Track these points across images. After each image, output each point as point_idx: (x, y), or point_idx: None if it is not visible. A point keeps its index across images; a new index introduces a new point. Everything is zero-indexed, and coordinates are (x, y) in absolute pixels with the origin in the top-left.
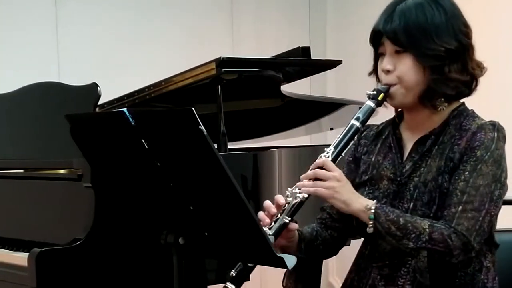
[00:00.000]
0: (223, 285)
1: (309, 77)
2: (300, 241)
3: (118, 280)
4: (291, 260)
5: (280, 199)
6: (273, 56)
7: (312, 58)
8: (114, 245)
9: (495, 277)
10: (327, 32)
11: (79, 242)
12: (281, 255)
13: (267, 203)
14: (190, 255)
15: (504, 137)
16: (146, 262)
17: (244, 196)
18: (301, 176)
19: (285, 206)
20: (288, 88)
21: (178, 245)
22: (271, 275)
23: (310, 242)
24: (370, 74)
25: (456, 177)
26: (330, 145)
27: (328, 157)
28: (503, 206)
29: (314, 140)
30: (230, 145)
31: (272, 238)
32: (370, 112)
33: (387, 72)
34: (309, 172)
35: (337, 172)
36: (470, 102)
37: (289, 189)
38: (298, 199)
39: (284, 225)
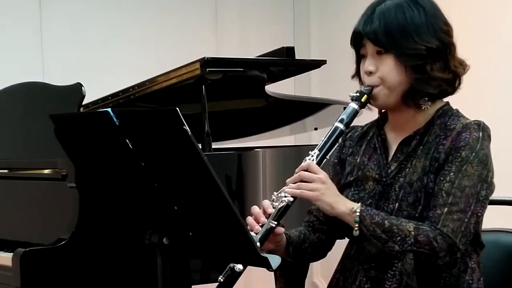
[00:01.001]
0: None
1: (293, 77)
2: (288, 244)
3: (102, 280)
4: (275, 260)
5: (268, 206)
6: (257, 56)
7: (296, 58)
8: (99, 245)
9: (480, 278)
10: (311, 32)
11: (63, 242)
12: (265, 255)
13: (256, 209)
14: (175, 255)
15: (489, 136)
16: (131, 262)
17: (228, 196)
18: (287, 180)
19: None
20: (272, 88)
21: (163, 245)
22: (255, 278)
23: (298, 245)
24: (353, 77)
25: (442, 178)
26: (314, 145)
27: (313, 160)
28: (488, 206)
29: (299, 140)
30: (215, 145)
31: (258, 244)
32: (354, 114)
33: (369, 73)
34: (295, 175)
35: (322, 175)
36: (454, 101)
37: (275, 193)
38: (284, 203)
39: (271, 229)
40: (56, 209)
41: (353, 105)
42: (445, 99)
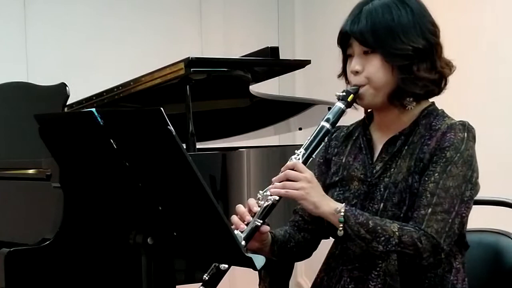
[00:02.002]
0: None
1: (277, 77)
2: (273, 243)
3: (87, 280)
4: (259, 260)
5: (254, 205)
6: (241, 56)
7: (280, 58)
8: (83, 245)
9: (464, 278)
10: (295, 32)
11: (48, 242)
12: (249, 255)
13: (241, 208)
14: (159, 255)
15: (474, 137)
16: (115, 262)
17: (212, 196)
18: (273, 179)
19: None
20: (256, 88)
21: (147, 245)
22: (240, 277)
23: (283, 244)
24: (339, 76)
25: (426, 178)
26: (299, 145)
27: (299, 159)
28: (472, 206)
29: (283, 140)
30: (199, 145)
31: (243, 243)
32: (340, 114)
33: (356, 73)
34: (280, 174)
35: (308, 174)
36: (439, 101)
37: (261, 192)
38: (270, 202)
39: (256, 228)
40: (40, 209)
41: (340, 105)
42: (431, 100)
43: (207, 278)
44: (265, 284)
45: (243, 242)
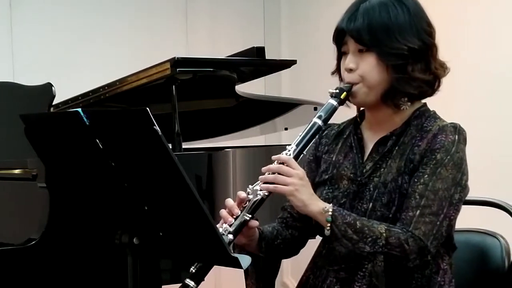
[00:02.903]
0: (181, 284)
1: (263, 77)
2: (261, 239)
3: (73, 280)
4: (245, 260)
5: (242, 195)
6: (227, 56)
7: (266, 58)
8: (69, 245)
9: (451, 280)
10: (281, 32)
11: (33, 242)
12: (235, 255)
13: (230, 202)
14: (145, 255)
15: (465, 139)
16: (101, 262)
17: (198, 196)
18: (263, 169)
19: (246, 203)
20: (242, 88)
21: (133, 245)
22: (225, 274)
23: (270, 241)
24: (333, 73)
25: (416, 180)
26: (285, 145)
27: (290, 154)
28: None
29: (269, 140)
30: (185, 145)
31: (231, 236)
32: (333, 111)
33: (350, 70)
34: (273, 165)
35: (300, 171)
36: (430, 102)
37: (250, 186)
38: (259, 197)
39: (245, 223)
40: (26, 209)
41: (332, 102)
42: (423, 100)
43: (193, 271)
44: (251, 281)
45: (231, 236)
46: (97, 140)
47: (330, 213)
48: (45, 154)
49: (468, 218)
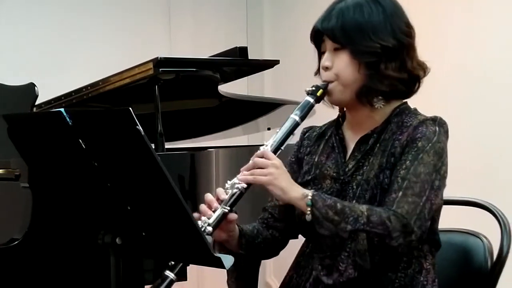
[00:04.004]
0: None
1: (246, 77)
2: (241, 236)
3: (55, 280)
4: (228, 260)
5: (221, 193)
6: (210, 56)
7: (249, 58)
8: (52, 245)
9: (434, 279)
10: (264, 32)
11: (16, 242)
12: (218, 255)
13: (209, 196)
14: (128, 255)
15: (446, 131)
16: (84, 262)
17: (181, 196)
18: (242, 168)
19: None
20: (225, 88)
21: (116, 245)
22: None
23: (251, 239)
24: (316, 74)
25: (398, 167)
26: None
27: (268, 148)
28: (442, 205)
29: (252, 140)
30: (168, 145)
31: (210, 228)
32: (309, 108)
33: (326, 68)
34: (249, 162)
35: (276, 161)
36: (417, 104)
37: (229, 181)
38: (238, 190)
39: (224, 215)
40: (9, 209)
41: (308, 99)
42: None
43: (172, 262)
44: (232, 279)
45: (210, 228)
46: (80, 140)
47: (310, 197)
48: (28, 154)
49: (451, 219)
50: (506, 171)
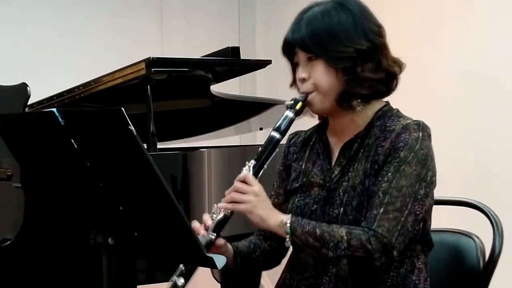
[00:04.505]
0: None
1: (238, 77)
2: (236, 255)
3: (48, 281)
4: (220, 260)
5: (207, 219)
6: (202, 56)
7: (241, 58)
8: (44, 245)
9: (426, 278)
10: (256, 32)
11: (8, 242)
12: (210, 255)
13: (196, 224)
14: (120, 255)
15: (429, 135)
16: (76, 262)
17: (173, 196)
18: (226, 192)
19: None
20: (217, 88)
21: (108, 245)
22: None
23: (247, 255)
24: (291, 85)
25: (380, 178)
26: (259, 145)
27: (250, 170)
28: (433, 206)
29: (244, 140)
30: (160, 145)
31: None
32: (289, 122)
33: (303, 80)
34: (231, 187)
35: (256, 187)
36: (396, 101)
37: (215, 205)
38: (222, 215)
39: (211, 242)
40: (1, 209)
41: (288, 113)
42: (385, 99)
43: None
44: (216, 273)
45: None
46: (72, 140)
47: (288, 225)
48: (20, 154)
49: (443, 218)
50: (499, 171)
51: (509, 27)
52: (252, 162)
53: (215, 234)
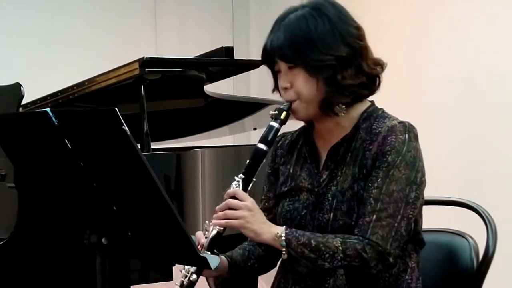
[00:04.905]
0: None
1: (232, 77)
2: (230, 267)
3: (42, 280)
4: (214, 260)
5: (201, 237)
6: (196, 56)
7: (235, 58)
8: (38, 245)
9: (419, 277)
10: (250, 32)
11: (2, 242)
12: (204, 255)
13: (199, 234)
14: (113, 255)
15: (416, 136)
16: (70, 262)
17: (167, 196)
18: (216, 208)
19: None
20: (211, 88)
21: (101, 245)
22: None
23: (242, 264)
24: (273, 91)
25: (369, 184)
26: (253, 145)
27: (238, 185)
28: (425, 206)
29: (238, 140)
30: (154, 145)
31: (195, 276)
32: (275, 133)
33: (285, 89)
34: (222, 203)
35: (248, 201)
36: (385, 101)
37: (207, 222)
38: (215, 232)
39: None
40: None
41: (274, 124)
42: (374, 98)
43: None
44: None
45: (194, 276)
46: (66, 140)
47: (283, 237)
48: (14, 154)
49: (436, 218)
50: (492, 172)
51: (499, 30)
52: (241, 176)
53: (209, 253)
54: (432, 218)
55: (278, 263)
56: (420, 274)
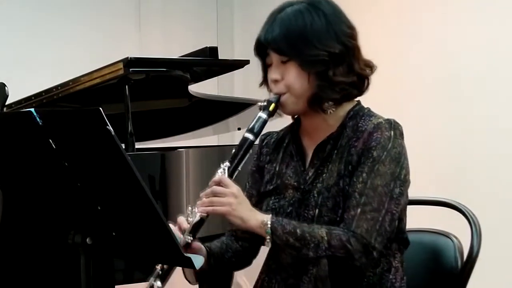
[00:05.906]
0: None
1: (216, 77)
2: (209, 256)
3: (26, 280)
4: (198, 260)
5: (183, 222)
6: (180, 56)
7: (219, 58)
8: (22, 245)
9: (403, 277)
10: (234, 33)
11: None
12: (188, 255)
13: (171, 227)
14: (98, 255)
15: (401, 134)
16: (54, 262)
17: (151, 196)
18: (201, 194)
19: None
20: (195, 88)
21: (86, 245)
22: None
23: (220, 255)
24: (261, 85)
25: (355, 179)
26: (237, 145)
27: (224, 173)
28: (410, 206)
29: (222, 140)
30: (138, 145)
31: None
32: (263, 124)
33: (276, 81)
34: (207, 189)
35: (234, 188)
36: (384, 104)
37: (190, 207)
38: (198, 218)
39: (188, 245)
40: None
41: (262, 115)
42: (360, 98)
43: (159, 271)
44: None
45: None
46: (50, 140)
47: (269, 225)
48: None
49: (421, 218)
50: (476, 172)
51: (485, 30)
52: (226, 164)
53: (191, 237)
54: (417, 218)
55: (262, 264)
56: (404, 273)
